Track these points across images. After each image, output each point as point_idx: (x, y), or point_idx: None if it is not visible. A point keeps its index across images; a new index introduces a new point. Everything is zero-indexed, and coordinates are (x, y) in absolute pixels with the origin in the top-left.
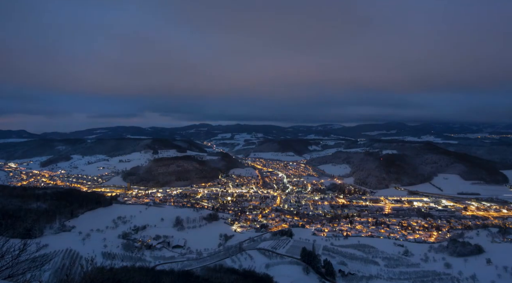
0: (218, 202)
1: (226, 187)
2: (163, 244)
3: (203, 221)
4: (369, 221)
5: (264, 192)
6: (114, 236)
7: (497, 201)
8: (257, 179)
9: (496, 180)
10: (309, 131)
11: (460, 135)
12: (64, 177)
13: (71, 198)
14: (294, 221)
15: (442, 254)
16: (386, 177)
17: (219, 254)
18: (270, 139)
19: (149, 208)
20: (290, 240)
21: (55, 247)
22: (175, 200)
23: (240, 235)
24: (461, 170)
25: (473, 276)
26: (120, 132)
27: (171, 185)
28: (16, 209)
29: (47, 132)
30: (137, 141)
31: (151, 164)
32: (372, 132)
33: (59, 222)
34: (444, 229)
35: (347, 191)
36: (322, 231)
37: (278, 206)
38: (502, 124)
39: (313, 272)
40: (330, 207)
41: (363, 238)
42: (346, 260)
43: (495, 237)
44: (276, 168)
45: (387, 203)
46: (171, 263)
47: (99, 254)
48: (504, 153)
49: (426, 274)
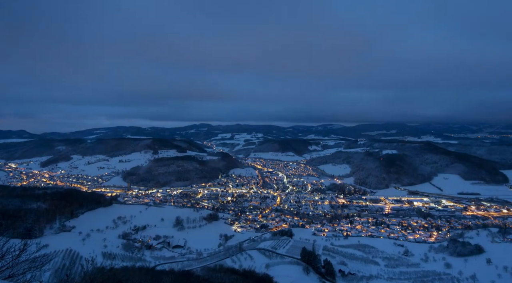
0: (218, 202)
1: (226, 187)
2: (163, 244)
3: (203, 221)
4: (369, 221)
5: (264, 192)
6: (114, 236)
7: (497, 201)
8: (257, 179)
9: (496, 180)
10: (309, 131)
11: (460, 135)
12: (64, 177)
13: (71, 198)
14: (294, 221)
15: (442, 254)
16: (386, 177)
17: (219, 254)
18: (270, 139)
19: (149, 208)
20: (290, 240)
21: (55, 247)
22: (175, 200)
23: (240, 235)
24: (461, 170)
25: (473, 276)
26: (120, 133)
27: (171, 185)
28: (16, 209)
29: (47, 132)
30: (137, 141)
31: (151, 164)
32: (372, 132)
33: (59, 222)
34: (444, 229)
35: (347, 191)
36: (322, 231)
37: (278, 206)
38: (502, 124)
39: (313, 272)
40: (330, 207)
41: (363, 238)
42: (346, 260)
43: (495, 237)
44: (276, 168)
45: (387, 203)
46: (171, 263)
47: (99, 254)
48: (504, 153)
49: (426, 274)
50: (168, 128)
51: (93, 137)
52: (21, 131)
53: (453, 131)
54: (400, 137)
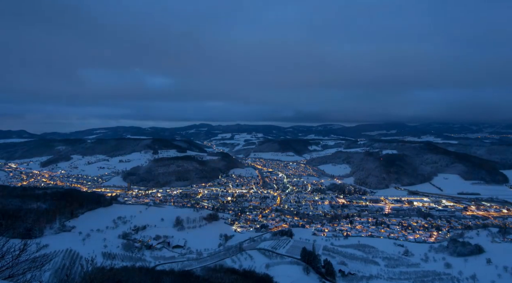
0: (218, 202)
1: (226, 187)
2: (163, 244)
3: (203, 221)
4: (369, 221)
5: (264, 192)
6: (114, 236)
7: (497, 201)
8: (257, 179)
9: (496, 180)
10: (309, 131)
11: (460, 135)
12: (64, 177)
13: (71, 198)
14: (294, 221)
15: (442, 254)
16: (386, 177)
17: (219, 254)
18: (270, 139)
19: (149, 208)
20: (290, 240)
21: (55, 247)
22: (175, 200)
23: (240, 235)
24: (461, 170)
25: (473, 276)
26: (120, 133)
27: (171, 185)
28: (16, 209)
29: (47, 132)
30: (137, 141)
31: (151, 164)
32: (372, 132)
33: (59, 222)
34: (444, 229)
35: (347, 191)
36: (322, 231)
37: (278, 206)
38: (502, 124)
39: (313, 272)
40: (330, 207)
41: (363, 238)
42: (346, 260)
43: (495, 237)
44: (276, 168)
45: (387, 203)
46: (171, 263)
47: (99, 254)
48: (504, 153)
49: (426, 274)
50: (168, 128)
51: (93, 137)
52: (21, 131)
53: (453, 131)
54: (400, 137)
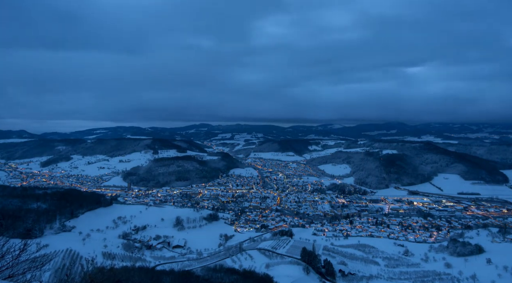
0: (218, 202)
1: (226, 187)
2: (163, 244)
3: (203, 221)
4: (369, 221)
5: (264, 192)
6: (114, 236)
7: (497, 201)
8: (257, 179)
9: (496, 179)
10: (309, 131)
11: (460, 135)
12: (64, 177)
13: (71, 198)
14: (294, 221)
15: (442, 254)
16: (386, 177)
17: (219, 254)
18: (270, 139)
19: (149, 208)
20: (290, 240)
21: (55, 247)
22: (175, 200)
23: (240, 235)
24: (461, 169)
25: (473, 276)
26: (120, 133)
27: (171, 185)
28: (16, 209)
29: (47, 132)
30: (137, 141)
31: (151, 164)
32: (372, 132)
33: (59, 222)
34: (444, 229)
35: (347, 191)
36: (322, 231)
37: (278, 206)
38: (502, 124)
39: (313, 272)
40: (330, 207)
41: (363, 238)
42: (346, 260)
43: (495, 237)
44: (276, 168)
45: (387, 203)
46: (171, 263)
47: (99, 254)
48: (504, 153)
49: (426, 274)
50: (168, 128)
51: (93, 137)
52: (21, 131)
53: (453, 131)
54: (400, 137)
